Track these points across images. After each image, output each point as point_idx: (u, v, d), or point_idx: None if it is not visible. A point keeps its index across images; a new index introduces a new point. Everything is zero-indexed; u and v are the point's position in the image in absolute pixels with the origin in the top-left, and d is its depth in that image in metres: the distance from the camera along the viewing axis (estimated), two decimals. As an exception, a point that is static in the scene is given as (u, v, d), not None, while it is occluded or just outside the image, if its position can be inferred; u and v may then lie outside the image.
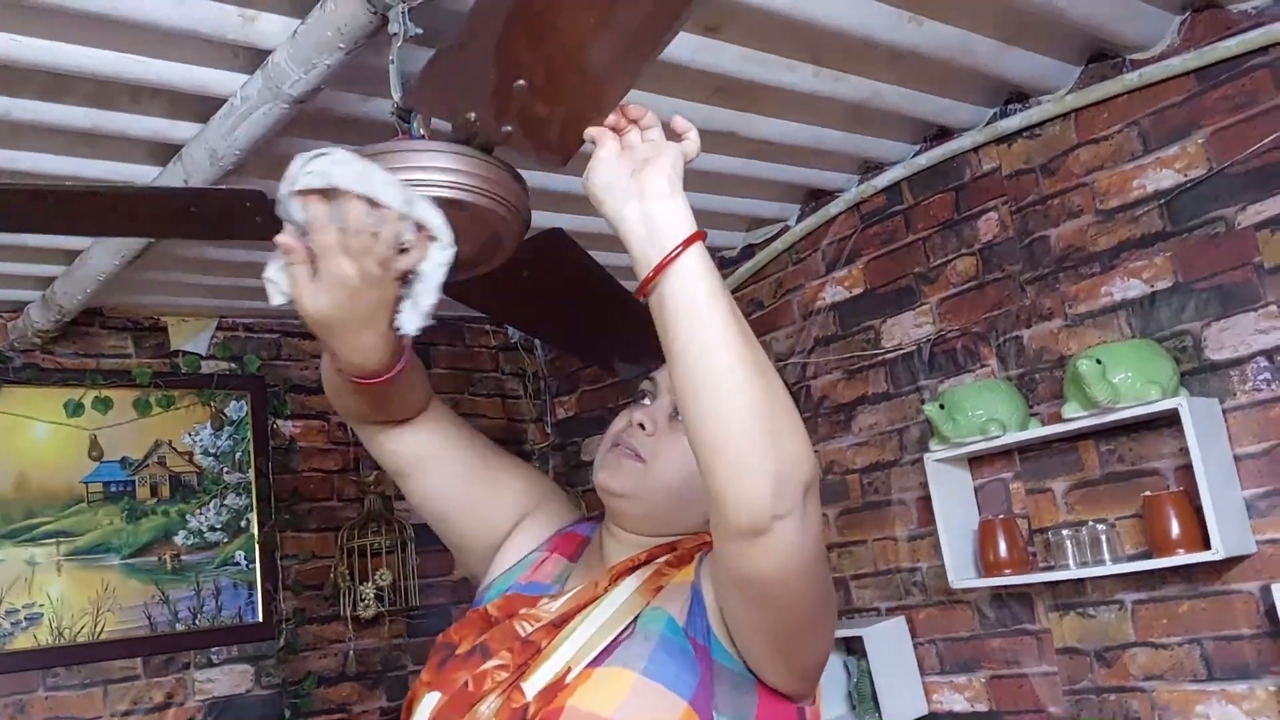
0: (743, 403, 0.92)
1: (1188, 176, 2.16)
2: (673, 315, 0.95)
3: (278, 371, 3.26)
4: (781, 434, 0.92)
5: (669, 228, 0.97)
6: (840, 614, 2.81)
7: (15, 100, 1.78)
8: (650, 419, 1.23)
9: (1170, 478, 2.18)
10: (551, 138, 1.15)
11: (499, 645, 1.14)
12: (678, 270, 0.95)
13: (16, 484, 2.76)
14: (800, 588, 0.99)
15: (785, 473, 0.92)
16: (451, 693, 1.11)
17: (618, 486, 1.21)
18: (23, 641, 2.68)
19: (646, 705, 1.01)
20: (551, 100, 1.10)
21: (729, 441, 0.92)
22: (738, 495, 0.92)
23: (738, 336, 0.93)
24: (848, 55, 2.13)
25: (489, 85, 1.09)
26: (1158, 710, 2.18)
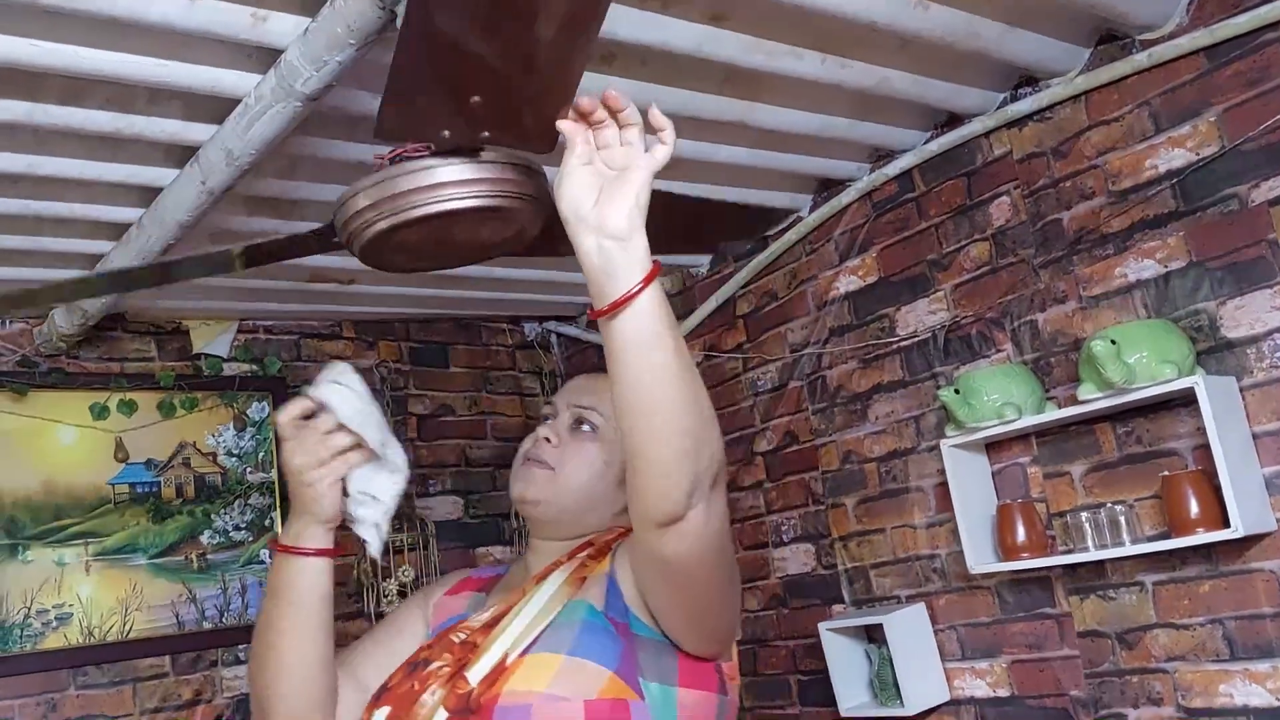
0: (677, 424, 1.04)
1: (1200, 155, 2.16)
2: (621, 348, 1.03)
3: (298, 372, 3.29)
4: (703, 445, 1.05)
5: (623, 270, 1.01)
6: (860, 602, 2.81)
7: (37, 105, 1.82)
8: (554, 433, 1.37)
9: (1189, 458, 2.17)
10: (529, 132, 1.17)
11: (438, 655, 1.26)
12: (630, 310, 1.01)
13: (45, 486, 2.81)
14: (709, 564, 1.13)
15: (701, 474, 1.06)
16: (396, 700, 1.23)
17: (533, 494, 1.35)
18: (53, 641, 2.73)
19: (576, 679, 1.16)
20: (513, 103, 1.11)
21: (662, 455, 1.04)
22: (662, 493, 1.05)
23: (679, 367, 1.03)
24: (854, 42, 2.14)
25: (448, 107, 1.10)
26: (1180, 691, 2.17)
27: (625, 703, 1.17)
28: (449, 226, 1.23)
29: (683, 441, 1.04)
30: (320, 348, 3.36)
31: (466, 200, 1.16)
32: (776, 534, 3.05)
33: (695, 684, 1.22)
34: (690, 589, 1.15)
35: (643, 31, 1.94)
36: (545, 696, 1.15)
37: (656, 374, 1.03)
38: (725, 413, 3.21)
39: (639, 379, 1.03)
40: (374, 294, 3.11)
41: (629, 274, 1.01)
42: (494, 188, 1.17)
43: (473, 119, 1.12)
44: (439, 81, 1.07)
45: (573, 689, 1.15)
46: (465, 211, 1.19)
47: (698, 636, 1.20)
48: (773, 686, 3.04)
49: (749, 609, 3.12)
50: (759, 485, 3.10)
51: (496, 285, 3.21)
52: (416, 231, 1.20)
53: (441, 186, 1.15)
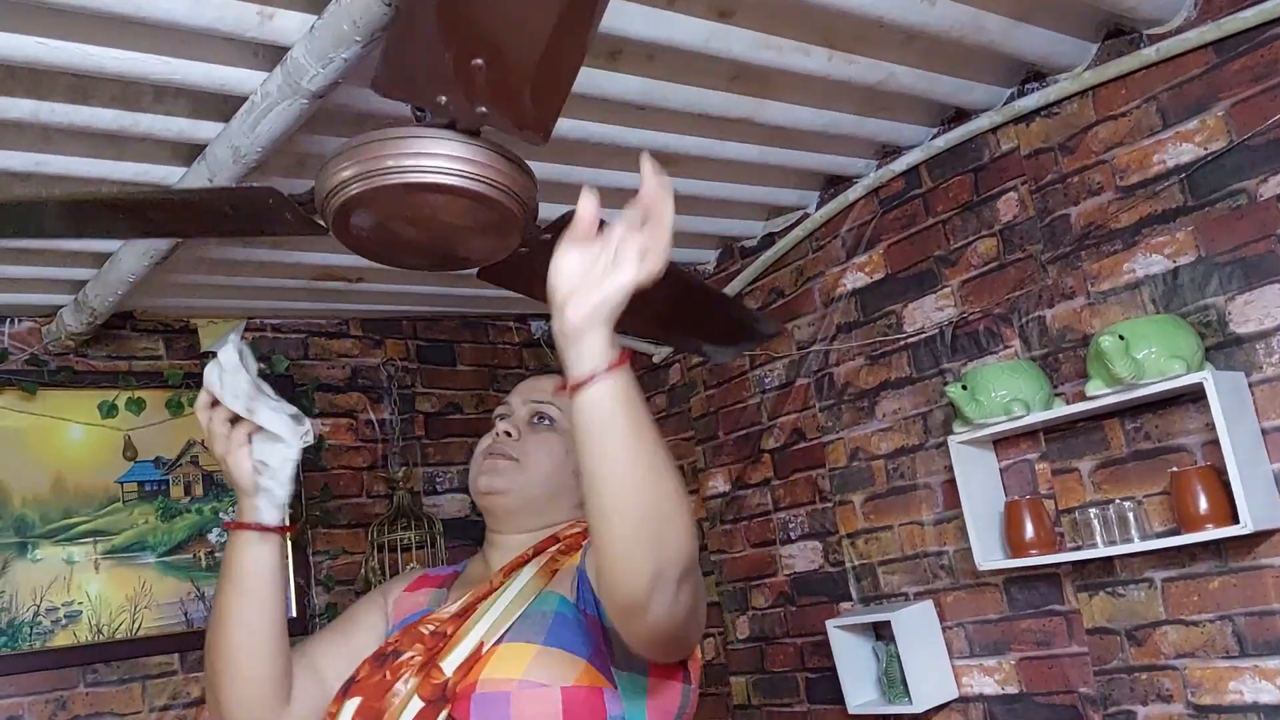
0: (636, 509, 1.03)
1: (1208, 150, 2.15)
2: (583, 428, 1.03)
3: (305, 371, 3.30)
4: (667, 536, 1.04)
5: (573, 361, 1.02)
6: (868, 599, 2.81)
7: (43, 103, 1.82)
8: (513, 427, 1.42)
9: (1198, 453, 2.16)
10: (525, 115, 1.16)
11: (408, 646, 1.27)
12: (584, 397, 1.02)
13: (54, 485, 2.82)
14: (669, 638, 1.15)
15: (664, 568, 1.04)
16: (368, 690, 1.24)
17: (499, 485, 1.38)
18: (63, 639, 2.74)
19: (552, 666, 1.19)
20: (512, 76, 1.11)
21: (621, 535, 1.04)
22: (620, 580, 1.05)
23: (636, 456, 1.03)
24: (861, 37, 2.13)
25: (448, 67, 1.09)
26: (1190, 688, 2.16)
27: (599, 690, 1.20)
28: (427, 209, 1.21)
29: (641, 529, 1.03)
30: (327, 346, 3.37)
31: (448, 177, 1.15)
32: (784, 531, 3.05)
33: (663, 675, 1.26)
34: (651, 648, 1.18)
35: (649, 28, 1.94)
36: (523, 683, 1.18)
37: (611, 460, 1.02)
38: (733, 410, 3.21)
39: (595, 459, 1.03)
40: (381, 292, 3.11)
41: (578, 366, 1.01)
42: (480, 171, 1.16)
43: (471, 87, 1.11)
44: (442, 36, 1.06)
45: (549, 676, 1.18)
46: (444, 189, 1.18)
47: (659, 659, 1.24)
48: (781, 684, 3.04)
49: (757, 607, 3.12)
50: (766, 482, 3.10)
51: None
52: (392, 206, 1.18)
53: (425, 156, 1.14)
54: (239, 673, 1.26)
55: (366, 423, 3.38)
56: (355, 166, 1.17)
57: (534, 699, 1.17)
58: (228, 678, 1.26)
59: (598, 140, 2.30)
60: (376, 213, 1.22)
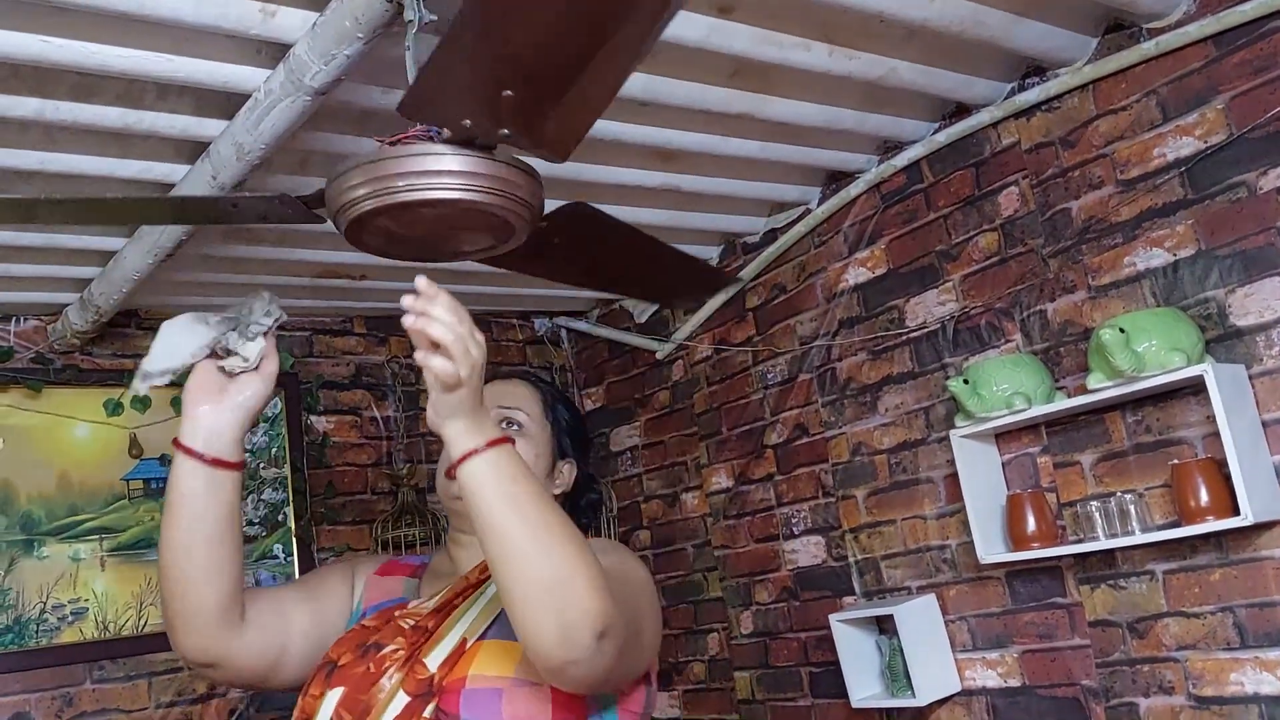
0: (525, 577, 1.11)
1: (1208, 143, 2.15)
2: (468, 500, 1.14)
3: (310, 368, 3.31)
4: (569, 597, 1.11)
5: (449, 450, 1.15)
6: (871, 594, 2.82)
7: (47, 101, 1.83)
8: None
9: (1199, 446, 2.17)
10: (548, 138, 1.19)
11: (390, 638, 1.30)
12: (462, 474, 1.14)
13: (59, 482, 2.83)
14: (606, 687, 1.22)
15: (570, 629, 1.10)
16: (352, 683, 1.26)
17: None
18: (69, 635, 2.75)
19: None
20: (543, 106, 1.14)
21: (519, 602, 1.12)
22: (531, 644, 1.13)
23: (522, 523, 1.12)
24: (861, 32, 2.14)
25: (478, 96, 1.12)
26: (1191, 679, 2.17)
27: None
28: (435, 217, 1.25)
29: (536, 596, 1.11)
30: (332, 343, 3.38)
31: (454, 191, 1.18)
32: (787, 526, 3.06)
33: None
34: (596, 693, 1.24)
35: (649, 24, 1.95)
36: (515, 681, 1.22)
37: (494, 533, 1.12)
38: (735, 406, 3.22)
39: (481, 533, 1.14)
40: (385, 289, 3.12)
41: (450, 453, 1.15)
42: (485, 184, 1.19)
43: (496, 113, 1.14)
44: (480, 67, 1.09)
45: (538, 674, 1.20)
46: (450, 202, 1.21)
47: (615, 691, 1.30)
48: (784, 678, 3.05)
49: (760, 602, 3.13)
50: (769, 478, 3.11)
51: (506, 280, 3.21)
52: (403, 216, 1.21)
53: (435, 175, 1.17)
54: (177, 596, 1.26)
55: (371, 420, 3.39)
56: (368, 185, 1.20)
57: (525, 696, 1.22)
58: (168, 599, 1.27)
59: (600, 136, 2.31)
60: (388, 222, 1.25)
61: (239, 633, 1.30)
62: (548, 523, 1.14)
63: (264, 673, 1.34)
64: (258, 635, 1.32)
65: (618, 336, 3.64)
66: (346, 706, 1.25)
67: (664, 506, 3.49)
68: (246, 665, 1.32)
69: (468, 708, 1.21)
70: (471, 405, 1.13)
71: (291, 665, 1.35)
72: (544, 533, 1.13)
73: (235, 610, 1.29)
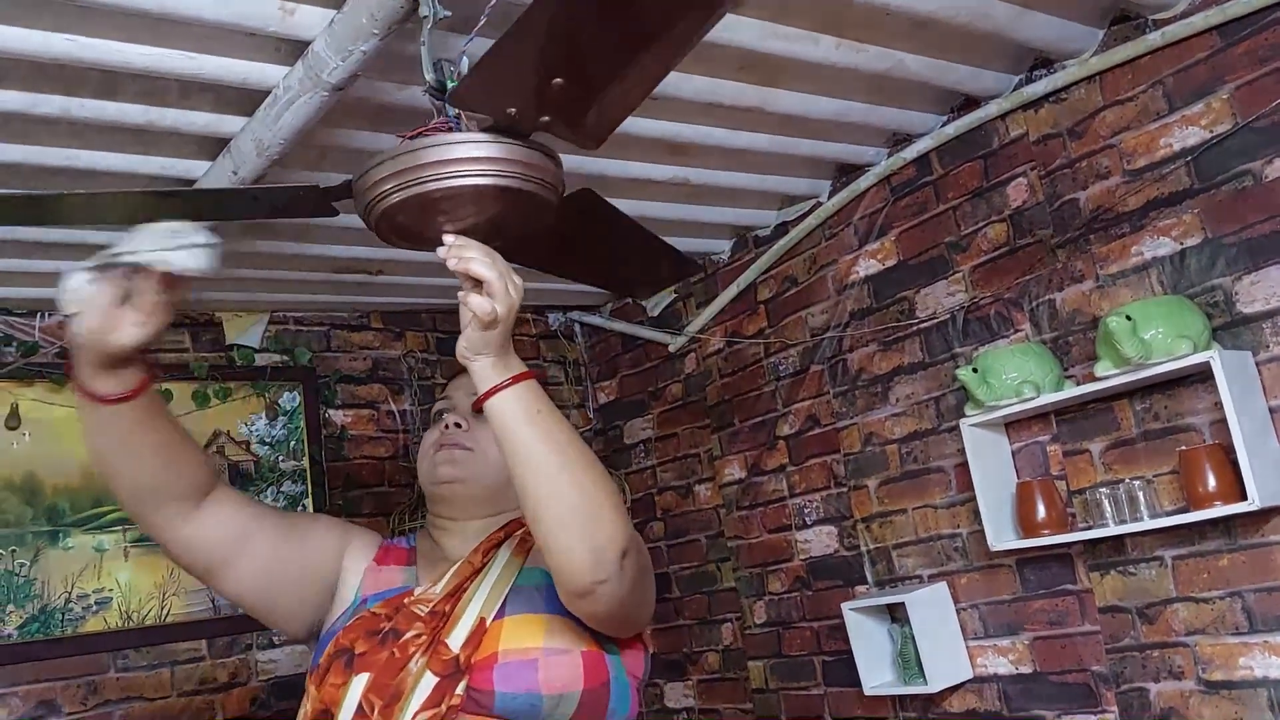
0: (560, 498, 1.19)
1: (1213, 132, 2.17)
2: (498, 432, 1.22)
3: (327, 363, 3.36)
4: (598, 519, 1.20)
5: (477, 386, 1.23)
6: (883, 583, 2.84)
7: (73, 99, 1.88)
8: (461, 418, 1.52)
9: (1206, 432, 2.19)
10: (586, 126, 1.23)
11: (407, 625, 1.34)
12: (489, 408, 1.22)
13: (84, 474, 2.88)
14: (624, 615, 1.30)
15: (600, 549, 1.19)
16: (379, 668, 1.30)
17: (456, 473, 1.47)
18: (94, 624, 2.80)
19: (566, 633, 1.31)
20: (589, 96, 1.18)
21: (551, 525, 1.20)
22: (563, 567, 1.21)
23: (549, 451, 1.20)
24: (868, 25, 2.17)
25: (530, 84, 1.16)
26: (1201, 664, 2.19)
27: (602, 654, 1.34)
28: (464, 206, 1.27)
29: (568, 519, 1.19)
30: (349, 338, 3.43)
31: (476, 178, 1.20)
32: (800, 517, 3.09)
33: (627, 643, 1.39)
34: (607, 625, 1.32)
35: (659, 18, 1.98)
36: (547, 650, 1.28)
37: (523, 461, 1.20)
38: (748, 398, 3.25)
39: (512, 463, 1.21)
40: (401, 284, 3.17)
41: (480, 384, 1.22)
42: (504, 168, 1.21)
43: (542, 101, 1.18)
44: (540, 57, 1.13)
45: (567, 642, 1.30)
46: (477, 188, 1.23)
47: (618, 635, 1.37)
48: (797, 667, 3.08)
49: (774, 592, 3.16)
50: (782, 469, 3.14)
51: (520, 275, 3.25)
52: (432, 206, 1.24)
53: (457, 162, 1.19)
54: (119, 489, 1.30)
55: (388, 413, 3.44)
56: (395, 177, 1.22)
57: (559, 664, 1.29)
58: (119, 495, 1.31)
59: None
60: (415, 212, 1.27)
61: (193, 522, 1.33)
62: (574, 451, 1.22)
63: (207, 568, 1.37)
64: (211, 533, 1.34)
65: (631, 330, 3.68)
66: (375, 692, 1.29)
67: (677, 498, 3.53)
68: (193, 549, 1.35)
69: (502, 681, 1.26)
70: (500, 344, 1.20)
71: (230, 580, 1.38)
72: (571, 461, 1.21)
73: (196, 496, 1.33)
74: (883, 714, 2.83)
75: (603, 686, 1.32)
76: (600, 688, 1.31)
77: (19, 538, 2.77)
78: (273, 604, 1.43)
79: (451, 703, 1.26)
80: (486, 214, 1.28)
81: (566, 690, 1.28)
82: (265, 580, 1.40)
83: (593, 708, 1.30)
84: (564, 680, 1.28)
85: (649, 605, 1.39)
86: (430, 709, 1.26)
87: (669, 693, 3.53)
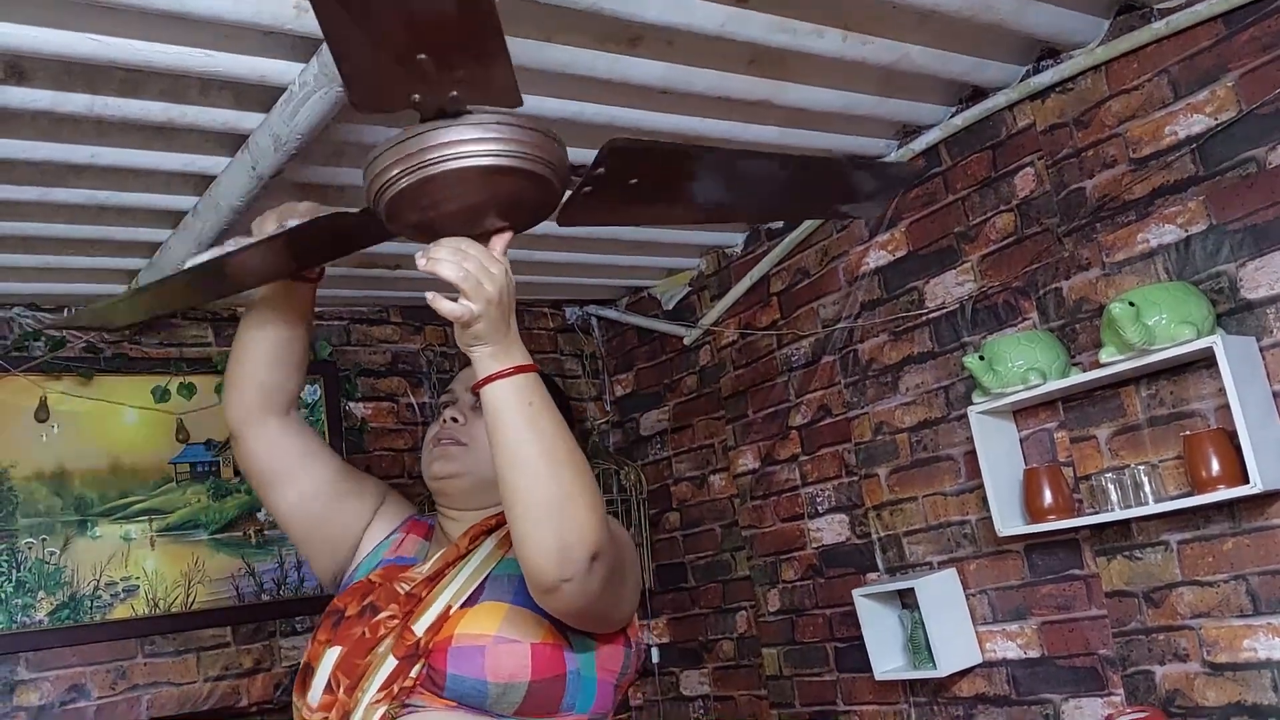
0: (534, 491, 1.21)
1: (1218, 120, 2.19)
2: (488, 419, 1.25)
3: (347, 356, 3.42)
4: (570, 517, 1.21)
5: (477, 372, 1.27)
6: (894, 570, 2.88)
7: (97, 97, 1.94)
8: (459, 412, 1.56)
9: (1211, 418, 2.21)
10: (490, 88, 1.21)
11: (385, 602, 1.40)
12: (484, 396, 1.25)
13: (111, 466, 2.96)
14: (590, 615, 1.31)
15: (569, 547, 1.21)
16: (350, 644, 1.36)
17: (451, 469, 1.51)
18: (121, 611, 2.88)
19: (521, 624, 1.33)
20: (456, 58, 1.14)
21: (523, 514, 1.22)
22: (529, 560, 1.23)
23: (534, 443, 1.22)
24: (874, 18, 2.20)
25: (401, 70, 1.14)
26: (1206, 647, 2.21)
27: (560, 648, 1.35)
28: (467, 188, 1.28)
29: (540, 510, 1.21)
30: (369, 332, 3.49)
31: (485, 158, 1.22)
32: (812, 505, 3.12)
33: (606, 638, 1.41)
34: (576, 622, 1.34)
35: (668, 13, 2.01)
36: (497, 638, 1.32)
37: (505, 449, 1.23)
38: (761, 389, 3.28)
39: (495, 448, 1.24)
40: (419, 279, 3.20)
41: (479, 372, 1.25)
42: (511, 147, 1.23)
43: (430, 80, 1.17)
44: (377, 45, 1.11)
45: (520, 633, 1.33)
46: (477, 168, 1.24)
47: (595, 630, 1.39)
48: (810, 654, 3.11)
49: (787, 580, 3.19)
50: (794, 459, 3.17)
51: (537, 269, 3.31)
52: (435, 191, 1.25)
53: (457, 144, 1.20)
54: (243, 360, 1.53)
55: (407, 406, 3.50)
56: (399, 164, 1.22)
57: (507, 653, 1.31)
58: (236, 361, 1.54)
59: (622, 125, 2.39)
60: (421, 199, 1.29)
61: (269, 423, 1.48)
62: (558, 447, 1.24)
63: (275, 469, 1.50)
64: (281, 441, 1.49)
65: (646, 323, 3.72)
66: (343, 670, 1.36)
67: (693, 488, 3.57)
68: (269, 451, 1.49)
69: (454, 663, 1.31)
70: (493, 333, 1.23)
71: (290, 495, 1.51)
72: (553, 455, 1.23)
73: (271, 403, 1.48)
74: (893, 698, 2.86)
75: (557, 679, 1.33)
76: (553, 680, 1.33)
77: (49, 527, 2.84)
78: (311, 532, 1.53)
79: (404, 685, 1.32)
80: (490, 197, 1.30)
81: (513, 680, 1.30)
82: (316, 505, 1.51)
83: (544, 699, 1.32)
84: (510, 669, 1.30)
85: (627, 605, 1.41)
86: (384, 690, 1.32)
87: (684, 680, 3.57)
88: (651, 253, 3.42)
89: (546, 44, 2.04)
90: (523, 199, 1.31)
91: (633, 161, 1.35)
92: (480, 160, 1.22)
